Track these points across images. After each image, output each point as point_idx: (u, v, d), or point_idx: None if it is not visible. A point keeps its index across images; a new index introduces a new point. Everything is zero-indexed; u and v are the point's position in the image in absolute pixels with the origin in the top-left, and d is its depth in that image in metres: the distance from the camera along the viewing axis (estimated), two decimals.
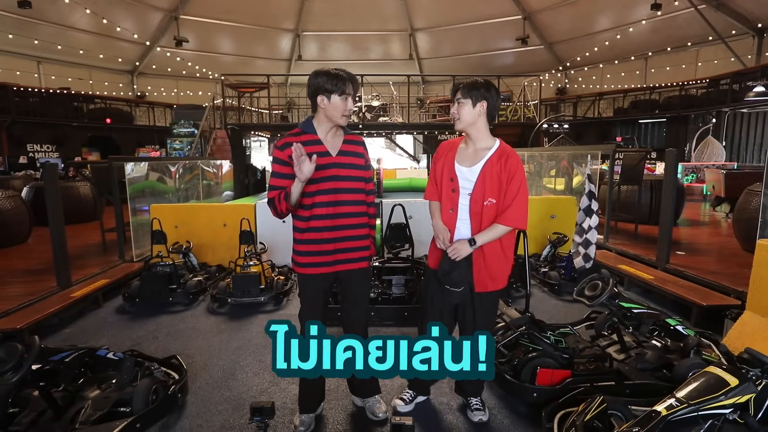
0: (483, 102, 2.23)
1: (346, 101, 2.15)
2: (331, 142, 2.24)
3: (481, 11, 18.41)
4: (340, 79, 2.12)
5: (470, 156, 2.30)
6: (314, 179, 2.12)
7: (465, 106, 2.24)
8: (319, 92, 2.14)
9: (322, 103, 2.15)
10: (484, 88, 2.23)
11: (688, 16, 14.80)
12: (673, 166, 4.63)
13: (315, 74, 2.17)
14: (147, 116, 18.60)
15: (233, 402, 2.70)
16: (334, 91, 2.12)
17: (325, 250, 2.24)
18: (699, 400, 1.81)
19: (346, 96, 2.15)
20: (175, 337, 3.70)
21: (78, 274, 4.68)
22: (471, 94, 2.23)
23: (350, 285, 2.37)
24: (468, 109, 2.24)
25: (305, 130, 2.23)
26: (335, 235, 2.24)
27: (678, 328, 3.00)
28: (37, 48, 15.82)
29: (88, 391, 2.50)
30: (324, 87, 2.12)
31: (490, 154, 2.26)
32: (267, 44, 20.58)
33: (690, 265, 4.63)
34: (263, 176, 14.16)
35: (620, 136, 16.86)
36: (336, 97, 2.13)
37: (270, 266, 4.85)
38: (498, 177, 2.23)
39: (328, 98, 2.13)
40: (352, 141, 2.31)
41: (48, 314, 3.71)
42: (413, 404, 2.63)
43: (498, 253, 2.31)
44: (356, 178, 2.28)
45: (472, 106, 2.24)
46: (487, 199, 2.24)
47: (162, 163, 7.92)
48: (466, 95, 2.23)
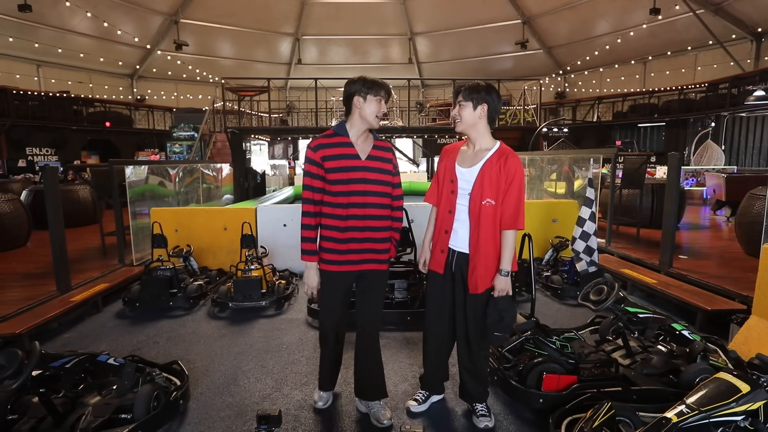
0: (484, 105, 2.26)
1: (380, 102, 2.28)
2: (361, 146, 2.32)
3: (481, 15, 18.47)
4: (375, 83, 2.29)
5: (470, 157, 2.33)
6: (344, 180, 2.25)
7: (466, 108, 2.27)
8: (356, 94, 2.27)
9: (358, 103, 2.28)
10: (485, 91, 2.26)
11: (687, 21, 14.86)
12: (676, 170, 4.62)
13: (351, 81, 2.31)
14: (147, 120, 18.59)
15: (235, 408, 2.67)
16: (369, 92, 2.26)
17: (353, 249, 2.32)
18: (710, 406, 1.79)
19: (380, 98, 2.28)
20: (175, 342, 3.66)
21: (78, 278, 4.65)
22: (472, 97, 2.26)
23: (370, 284, 2.42)
24: (469, 112, 2.27)
25: (338, 132, 2.34)
26: (363, 236, 2.31)
27: (684, 332, 2.98)
28: (37, 51, 15.82)
29: (88, 398, 2.46)
30: (361, 89, 2.27)
31: (489, 155, 2.28)
32: (267, 48, 20.62)
33: (693, 269, 4.61)
34: (263, 180, 14.15)
35: (619, 140, 16.89)
36: (371, 97, 2.26)
37: (271, 270, 4.82)
38: (497, 177, 2.24)
39: (364, 98, 2.26)
40: (381, 147, 2.39)
41: (47, 319, 3.68)
42: (428, 404, 2.63)
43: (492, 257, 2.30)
44: (383, 182, 2.35)
45: (473, 109, 2.27)
46: (485, 199, 2.25)
47: (162, 167, 7.90)
48: (467, 98, 2.26)
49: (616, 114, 17.44)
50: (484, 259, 2.29)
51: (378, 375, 2.49)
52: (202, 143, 14.41)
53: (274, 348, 3.51)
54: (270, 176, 16.07)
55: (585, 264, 4.59)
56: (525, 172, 10.33)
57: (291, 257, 5.54)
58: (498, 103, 2.29)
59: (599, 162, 6.87)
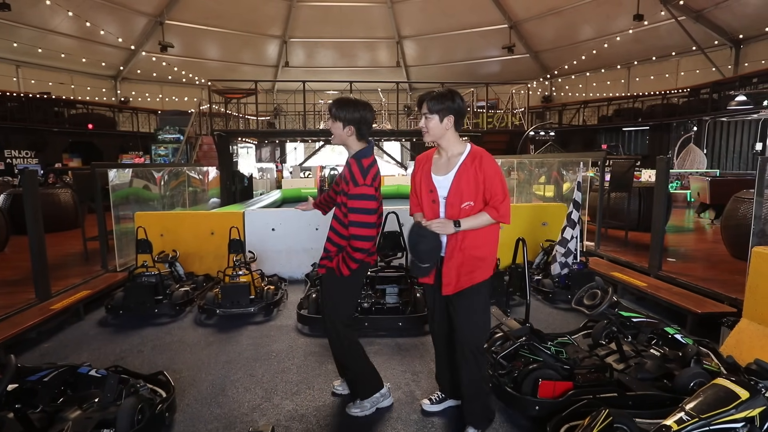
0: (450, 116, 2.24)
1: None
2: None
3: (468, 20, 18.58)
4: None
5: (444, 165, 2.32)
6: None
7: (432, 120, 2.26)
8: None
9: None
10: (449, 100, 2.23)
11: (669, 27, 15.14)
12: (665, 173, 4.66)
13: None
14: (131, 122, 18.24)
15: (224, 420, 2.58)
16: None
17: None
18: (710, 414, 1.77)
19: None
20: (161, 350, 3.55)
21: (58, 285, 4.49)
22: (436, 109, 2.24)
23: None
24: (435, 123, 2.26)
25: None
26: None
27: (677, 336, 2.98)
28: (16, 51, 15.38)
29: (68, 412, 2.35)
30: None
31: (462, 159, 2.27)
32: (254, 50, 20.44)
33: (681, 272, 4.65)
34: (250, 183, 13.98)
35: (605, 144, 17.11)
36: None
37: (260, 276, 4.73)
38: (474, 179, 2.22)
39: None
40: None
41: (25, 328, 3.54)
42: (442, 406, 2.61)
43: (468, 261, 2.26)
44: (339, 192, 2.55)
45: (440, 121, 2.25)
46: (464, 202, 2.24)
47: (147, 170, 7.73)
48: (432, 110, 2.24)
49: (602, 118, 17.67)
50: (458, 262, 2.25)
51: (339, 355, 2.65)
52: (188, 146, 14.17)
53: (264, 356, 3.42)
54: (257, 179, 15.90)
55: (559, 267, 4.63)
56: (513, 175, 10.38)
57: (280, 262, 5.45)
58: (463, 107, 2.28)
59: (587, 165, 6.92)
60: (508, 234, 5.35)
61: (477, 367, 2.32)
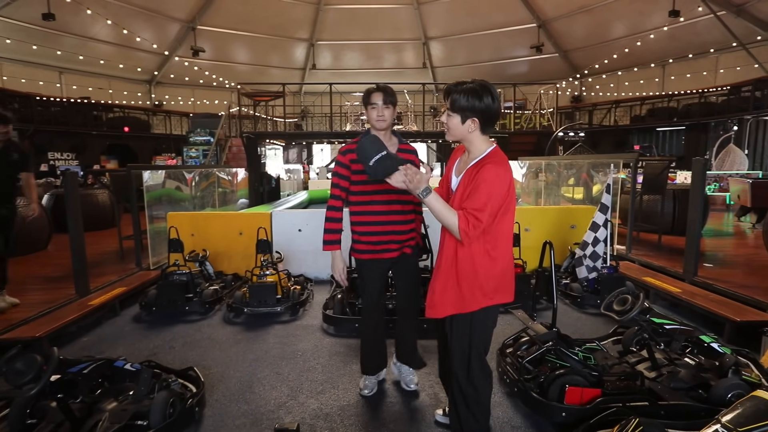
0: (474, 118, 1.92)
1: (375, 109, 2.59)
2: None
3: (495, 20, 18.37)
4: (367, 94, 2.65)
5: (462, 166, 2.06)
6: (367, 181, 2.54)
7: (453, 119, 1.96)
8: (364, 107, 2.67)
9: (365, 114, 2.68)
10: (476, 99, 1.89)
11: (708, 23, 14.55)
12: (701, 175, 4.48)
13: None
14: (164, 125, 18.87)
15: (251, 416, 2.64)
16: (367, 104, 2.64)
17: (382, 240, 2.65)
18: (748, 427, 1.69)
19: (373, 106, 2.60)
20: (191, 347, 3.66)
21: (96, 282, 4.69)
22: (459, 108, 1.93)
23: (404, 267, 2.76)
24: (456, 124, 1.96)
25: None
26: (388, 229, 2.64)
27: (713, 345, 2.86)
28: (59, 59, 16.19)
29: (105, 403, 2.46)
30: (364, 102, 2.66)
31: (473, 163, 1.97)
32: (282, 53, 20.79)
33: (719, 278, 4.46)
34: (278, 184, 14.23)
35: (637, 144, 16.58)
36: (369, 107, 2.63)
37: (286, 276, 4.81)
38: (466, 187, 1.94)
39: (366, 109, 2.67)
40: (405, 150, 2.69)
41: (66, 323, 3.71)
42: None
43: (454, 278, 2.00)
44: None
45: (461, 122, 1.95)
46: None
47: (179, 171, 7.98)
48: (455, 109, 1.94)
49: (634, 118, 17.14)
50: (462, 277, 1.98)
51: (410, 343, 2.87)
52: (217, 148, 14.56)
53: (290, 355, 3.48)
54: (284, 181, 16.16)
55: (585, 270, 4.51)
56: (541, 177, 10.16)
57: (306, 263, 5.52)
58: (493, 108, 1.91)
59: (618, 167, 6.73)
60: (535, 237, 5.27)
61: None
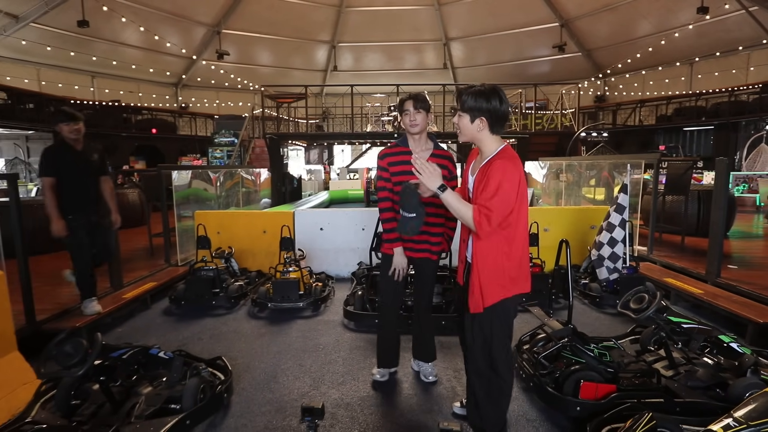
0: (482, 118, 2.05)
1: (408, 115, 2.72)
2: (419, 154, 2.64)
3: (517, 19, 18.24)
4: (401, 102, 2.78)
5: (477, 165, 2.18)
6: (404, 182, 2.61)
7: (463, 119, 2.10)
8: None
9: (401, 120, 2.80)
10: (484, 100, 2.02)
11: (738, 19, 14.14)
12: (724, 175, 4.43)
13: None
14: (190, 126, 19.43)
15: (275, 404, 2.78)
16: (400, 111, 2.77)
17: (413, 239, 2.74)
18: (760, 421, 1.73)
19: (406, 112, 2.72)
20: (218, 339, 3.83)
21: (128, 277, 4.94)
22: (467, 108, 2.07)
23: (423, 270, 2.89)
24: (465, 123, 2.10)
25: (399, 143, 2.83)
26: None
27: (732, 345, 2.86)
28: (93, 63, 16.89)
29: (141, 388, 2.63)
30: (398, 110, 2.84)
31: (485, 161, 2.10)
32: (304, 56, 21.12)
33: (743, 280, 4.40)
34: (299, 184, 14.48)
35: (663, 145, 16.21)
36: (403, 114, 2.76)
37: (308, 273, 4.95)
38: (479, 184, 2.07)
39: (401, 116, 2.78)
40: (439, 155, 2.77)
41: (103, 314, 3.93)
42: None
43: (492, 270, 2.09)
44: None
45: (470, 121, 2.08)
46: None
47: (205, 171, 8.24)
48: (464, 109, 2.08)
49: (660, 117, 16.74)
50: (482, 271, 2.08)
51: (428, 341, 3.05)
52: (241, 149, 14.90)
53: (312, 348, 3.61)
54: (306, 181, 16.42)
55: (606, 272, 4.47)
56: (562, 177, 10.07)
57: (328, 260, 5.66)
58: (501, 109, 2.04)
59: (641, 167, 6.65)
60: (554, 237, 5.26)
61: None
